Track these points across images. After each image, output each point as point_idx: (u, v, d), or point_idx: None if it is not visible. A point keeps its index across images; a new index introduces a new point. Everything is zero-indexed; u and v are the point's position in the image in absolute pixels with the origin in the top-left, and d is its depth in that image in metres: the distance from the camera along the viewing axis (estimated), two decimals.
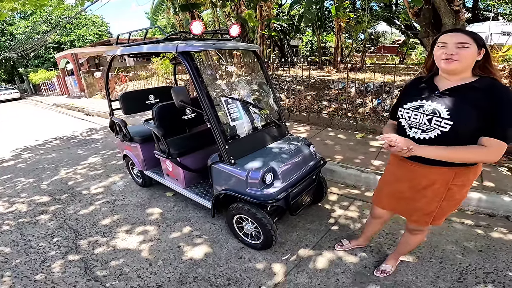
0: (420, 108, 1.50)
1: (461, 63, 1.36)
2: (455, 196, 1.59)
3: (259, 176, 2.23)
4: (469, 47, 1.34)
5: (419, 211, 1.69)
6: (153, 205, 3.30)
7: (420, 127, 1.50)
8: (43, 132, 7.85)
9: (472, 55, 1.35)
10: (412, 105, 1.54)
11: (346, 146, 4.45)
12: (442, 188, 1.55)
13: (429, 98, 1.49)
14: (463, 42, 1.34)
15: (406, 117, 1.56)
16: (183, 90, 2.34)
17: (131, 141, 3.45)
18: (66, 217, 3.19)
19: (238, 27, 2.81)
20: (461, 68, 1.39)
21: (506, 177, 3.22)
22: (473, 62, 1.38)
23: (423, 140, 1.49)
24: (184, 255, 2.47)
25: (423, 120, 1.48)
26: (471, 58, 1.36)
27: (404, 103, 1.59)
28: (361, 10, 12.53)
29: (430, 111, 1.45)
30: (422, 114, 1.48)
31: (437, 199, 1.60)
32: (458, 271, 2.13)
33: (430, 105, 1.46)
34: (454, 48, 1.36)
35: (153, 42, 2.81)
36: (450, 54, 1.36)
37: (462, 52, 1.34)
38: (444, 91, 1.45)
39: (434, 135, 1.45)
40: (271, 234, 2.27)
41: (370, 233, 2.30)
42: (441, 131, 1.42)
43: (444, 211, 1.66)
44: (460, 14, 4.10)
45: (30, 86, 26.26)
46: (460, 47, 1.35)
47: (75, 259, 2.51)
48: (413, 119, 1.52)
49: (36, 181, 4.29)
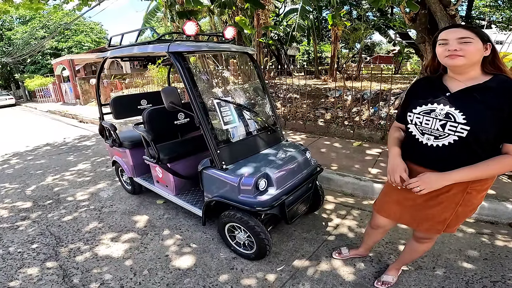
0: (432, 112, 1.38)
1: (467, 58, 1.26)
2: (472, 201, 1.46)
3: (252, 182, 2.11)
4: (472, 41, 1.25)
5: (432, 219, 1.54)
6: (142, 213, 3.16)
7: (432, 133, 1.38)
8: (35, 138, 7.69)
9: (477, 50, 1.26)
10: (423, 109, 1.42)
11: (342, 154, 4.36)
12: (460, 194, 1.42)
13: (441, 101, 1.37)
14: (464, 37, 1.26)
15: (417, 122, 1.43)
16: (174, 90, 2.24)
17: (120, 146, 3.33)
18: (49, 223, 3.04)
19: (233, 29, 2.74)
20: (469, 64, 1.29)
21: (507, 185, 3.14)
22: (480, 58, 1.28)
23: (436, 147, 1.38)
24: (171, 264, 2.32)
25: (436, 125, 1.36)
26: (477, 53, 1.26)
27: (414, 107, 1.46)
28: (357, 19, 12.68)
29: (444, 116, 1.33)
30: (435, 119, 1.36)
31: (453, 205, 1.46)
32: (464, 280, 2.02)
33: (443, 109, 1.34)
34: (456, 44, 1.27)
35: (144, 43, 2.73)
36: (454, 50, 1.27)
37: (466, 48, 1.25)
38: (456, 92, 1.34)
39: (448, 141, 1.33)
40: (264, 243, 2.13)
41: (371, 243, 2.18)
42: (458, 136, 1.30)
43: (459, 217, 1.52)
44: (456, 19, 4.09)
45: (25, 92, 26.06)
46: (462, 43, 1.26)
47: (53, 266, 2.37)
48: (424, 125, 1.40)
49: (21, 187, 4.13)
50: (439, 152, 1.37)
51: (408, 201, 1.61)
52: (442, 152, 1.36)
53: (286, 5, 16.39)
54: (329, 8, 11.56)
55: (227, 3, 8.73)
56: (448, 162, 1.36)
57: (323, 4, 12.65)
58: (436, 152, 1.38)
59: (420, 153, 1.46)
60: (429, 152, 1.40)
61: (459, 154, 1.33)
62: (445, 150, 1.35)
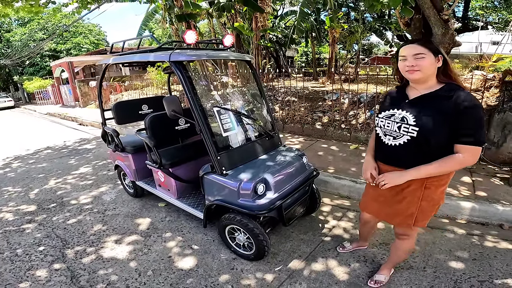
0: (392, 116, 1.63)
1: (423, 72, 1.48)
2: (432, 196, 1.65)
3: (251, 187, 2.21)
4: (425, 57, 1.46)
5: (401, 214, 1.75)
6: (144, 215, 3.25)
7: (392, 134, 1.62)
8: (35, 142, 7.75)
9: (430, 64, 1.47)
10: (385, 114, 1.68)
11: (339, 157, 4.45)
12: (419, 189, 1.63)
13: (400, 107, 1.61)
14: (419, 53, 1.47)
15: (381, 125, 1.69)
16: (175, 100, 2.33)
17: (123, 151, 3.42)
18: (54, 226, 3.13)
19: (232, 37, 2.83)
20: (425, 77, 1.50)
21: (499, 187, 3.24)
22: (434, 69, 1.49)
23: (394, 146, 1.62)
24: (174, 265, 2.42)
25: (394, 127, 1.60)
26: (431, 66, 1.47)
27: (380, 112, 1.73)
28: (355, 21, 12.78)
29: (400, 119, 1.58)
30: (393, 122, 1.61)
31: (415, 199, 1.66)
32: (452, 280, 2.12)
33: (400, 113, 1.59)
34: (413, 60, 1.48)
35: (146, 51, 2.82)
36: (411, 66, 1.49)
37: (421, 63, 1.46)
38: (413, 99, 1.58)
39: (403, 141, 1.57)
40: (263, 244, 2.23)
41: (366, 235, 2.37)
42: (411, 136, 1.53)
43: (425, 212, 1.70)
44: (449, 23, 4.19)
45: (24, 94, 26.01)
46: (418, 58, 1.47)
47: (61, 267, 2.46)
48: (386, 127, 1.65)
49: (25, 190, 4.21)
50: (397, 150, 1.61)
51: (381, 197, 1.84)
52: (399, 151, 1.60)
53: (284, 7, 16.52)
54: (327, 10, 11.65)
55: (225, 7, 8.85)
56: (405, 160, 1.60)
57: (321, 6, 12.77)
58: (395, 151, 1.62)
59: (384, 152, 1.72)
60: (390, 151, 1.65)
61: (413, 152, 1.56)
62: (401, 149, 1.59)
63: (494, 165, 3.83)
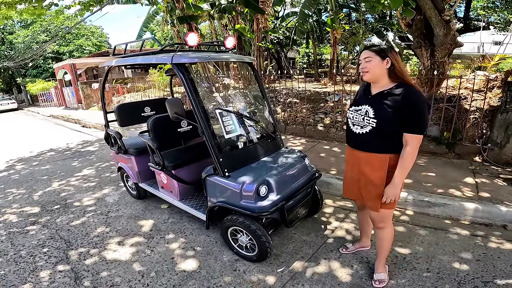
0: (359, 110, 1.88)
1: (370, 73, 1.77)
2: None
3: (253, 189, 2.21)
4: (371, 59, 1.75)
5: (371, 196, 1.93)
6: (147, 217, 3.26)
7: (359, 124, 1.87)
8: (39, 144, 7.80)
9: (376, 65, 1.74)
10: (354, 108, 1.93)
11: (341, 159, 4.45)
12: (383, 172, 1.84)
13: (365, 102, 1.87)
14: (367, 57, 1.76)
15: (351, 117, 1.94)
16: (178, 102, 2.35)
17: (126, 153, 3.44)
18: (58, 228, 3.15)
19: (234, 39, 2.84)
20: (375, 77, 1.78)
21: (502, 188, 3.23)
22: (382, 70, 1.75)
23: (360, 134, 1.86)
24: (177, 266, 2.43)
25: (360, 119, 1.86)
26: (376, 67, 1.74)
27: (350, 106, 2.00)
28: (356, 22, 12.77)
29: (364, 112, 1.83)
30: (360, 114, 1.86)
31: (381, 182, 1.85)
32: (456, 281, 2.11)
33: (364, 107, 1.85)
34: (364, 63, 1.78)
35: (148, 54, 2.84)
36: (363, 68, 1.79)
37: (368, 65, 1.76)
38: (372, 96, 1.84)
39: (367, 130, 1.82)
40: (265, 246, 2.24)
41: (366, 229, 2.41)
42: (372, 127, 1.79)
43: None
44: (451, 24, 4.18)
45: (27, 96, 26.16)
46: (367, 61, 1.76)
47: (65, 269, 2.47)
48: (355, 118, 1.90)
49: (28, 192, 4.24)
50: (363, 137, 1.86)
51: (353, 180, 2.04)
52: (365, 137, 1.85)
53: (286, 8, 16.53)
54: (328, 11, 11.66)
55: (227, 9, 8.88)
56: (370, 145, 1.85)
57: (322, 7, 12.77)
58: (361, 137, 1.87)
59: (353, 139, 1.96)
60: (357, 137, 1.90)
61: (375, 139, 1.81)
62: (366, 136, 1.84)
63: (497, 166, 3.82)
